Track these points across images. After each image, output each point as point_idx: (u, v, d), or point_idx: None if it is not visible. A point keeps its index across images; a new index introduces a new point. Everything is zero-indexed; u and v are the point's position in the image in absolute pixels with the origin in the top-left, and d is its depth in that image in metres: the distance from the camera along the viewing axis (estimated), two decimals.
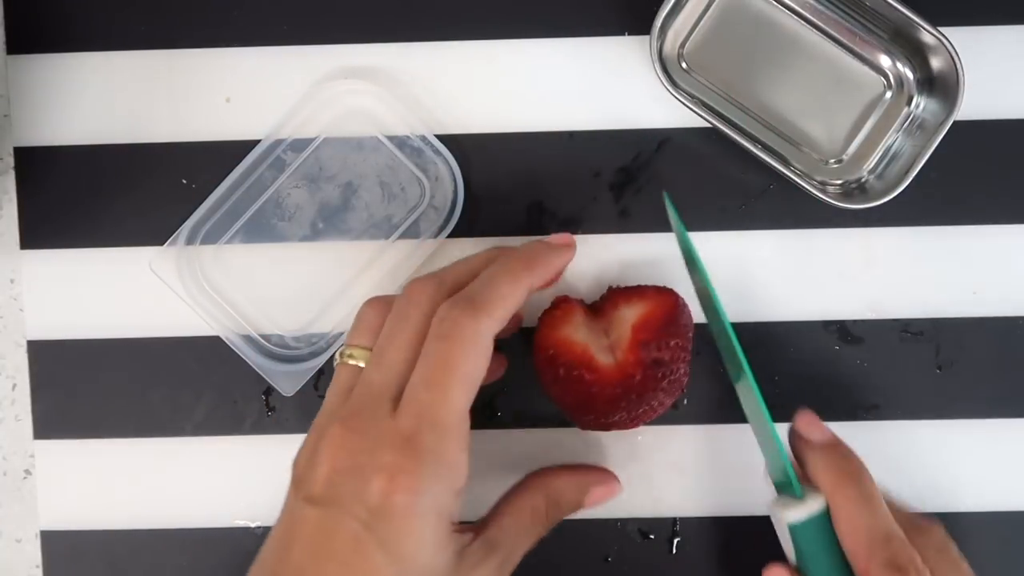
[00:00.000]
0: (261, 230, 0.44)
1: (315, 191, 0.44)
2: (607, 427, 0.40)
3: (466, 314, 0.34)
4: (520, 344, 0.43)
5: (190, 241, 0.44)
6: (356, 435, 0.34)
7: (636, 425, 0.40)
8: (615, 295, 0.40)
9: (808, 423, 0.39)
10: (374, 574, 0.33)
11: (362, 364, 0.36)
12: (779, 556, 0.41)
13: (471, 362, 0.34)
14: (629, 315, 0.39)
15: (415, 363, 0.35)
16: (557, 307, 0.40)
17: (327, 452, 0.34)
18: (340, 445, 0.34)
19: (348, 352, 0.37)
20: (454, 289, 0.36)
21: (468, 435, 0.35)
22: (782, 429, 0.40)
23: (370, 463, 0.33)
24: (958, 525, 0.39)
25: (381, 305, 0.37)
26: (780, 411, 0.44)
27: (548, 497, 0.39)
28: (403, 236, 0.44)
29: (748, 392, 0.38)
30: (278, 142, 0.44)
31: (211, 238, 0.44)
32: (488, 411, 0.44)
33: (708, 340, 0.44)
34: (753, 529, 0.44)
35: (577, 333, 0.39)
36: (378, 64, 0.44)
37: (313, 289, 0.44)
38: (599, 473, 0.41)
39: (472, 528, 0.37)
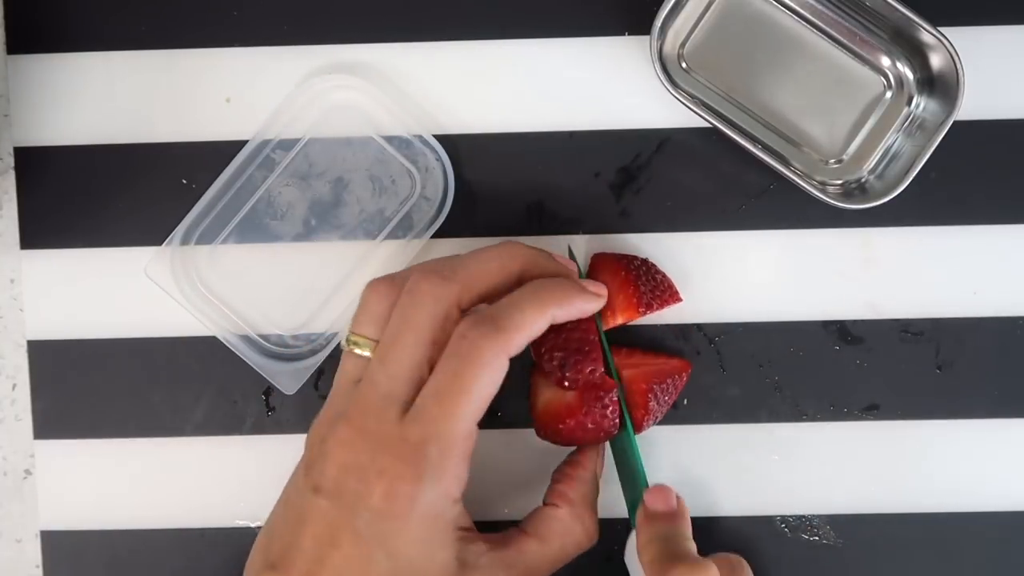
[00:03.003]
0: (254, 230, 0.44)
1: (305, 188, 0.44)
2: (641, 422, 0.41)
3: (488, 338, 0.35)
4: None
5: (184, 243, 0.44)
6: (362, 437, 0.35)
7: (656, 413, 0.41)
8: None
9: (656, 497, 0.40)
10: (373, 568, 0.34)
11: (367, 354, 0.37)
12: (777, 562, 0.41)
13: (485, 384, 0.35)
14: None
15: (422, 367, 0.35)
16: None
17: (335, 449, 0.35)
18: (347, 444, 0.35)
19: (353, 340, 0.37)
20: (466, 290, 0.36)
21: (472, 447, 0.35)
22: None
23: (373, 466, 0.34)
24: (958, 525, 0.39)
25: (385, 290, 0.37)
26: (780, 412, 0.44)
27: (587, 531, 0.39)
28: (396, 228, 0.44)
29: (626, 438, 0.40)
30: (266, 141, 0.44)
31: (205, 240, 0.44)
32: (489, 411, 0.44)
33: (706, 340, 0.44)
34: (754, 529, 0.44)
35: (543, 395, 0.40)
36: (378, 64, 0.44)
37: (310, 287, 0.44)
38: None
39: (489, 537, 0.37)
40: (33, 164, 0.45)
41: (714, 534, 0.44)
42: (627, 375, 0.41)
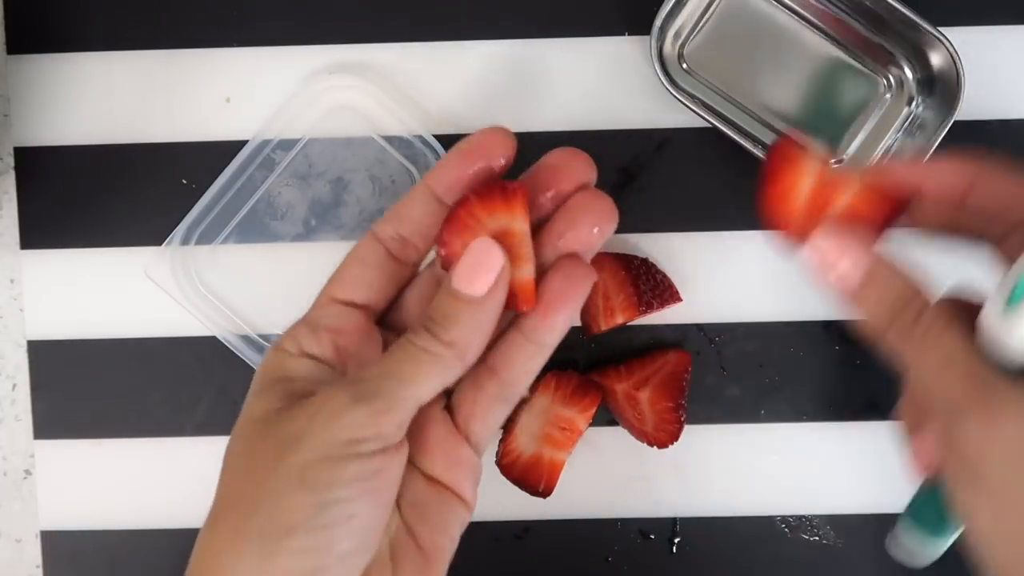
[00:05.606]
0: (255, 230, 0.44)
1: (305, 189, 0.44)
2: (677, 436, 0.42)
3: None
4: None
5: (184, 243, 0.44)
6: None
7: None
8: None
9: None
10: None
11: None
12: (777, 562, 0.41)
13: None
14: None
15: None
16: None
17: None
18: None
19: None
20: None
21: None
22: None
23: None
24: None
25: None
26: (780, 412, 0.44)
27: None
28: None
29: None
30: (266, 141, 0.44)
31: (205, 240, 0.44)
32: None
33: (706, 340, 0.44)
34: (754, 529, 0.44)
35: None
36: (378, 64, 0.44)
37: (310, 287, 0.44)
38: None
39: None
40: (33, 164, 0.45)
41: (716, 534, 0.44)
42: (644, 396, 0.41)
